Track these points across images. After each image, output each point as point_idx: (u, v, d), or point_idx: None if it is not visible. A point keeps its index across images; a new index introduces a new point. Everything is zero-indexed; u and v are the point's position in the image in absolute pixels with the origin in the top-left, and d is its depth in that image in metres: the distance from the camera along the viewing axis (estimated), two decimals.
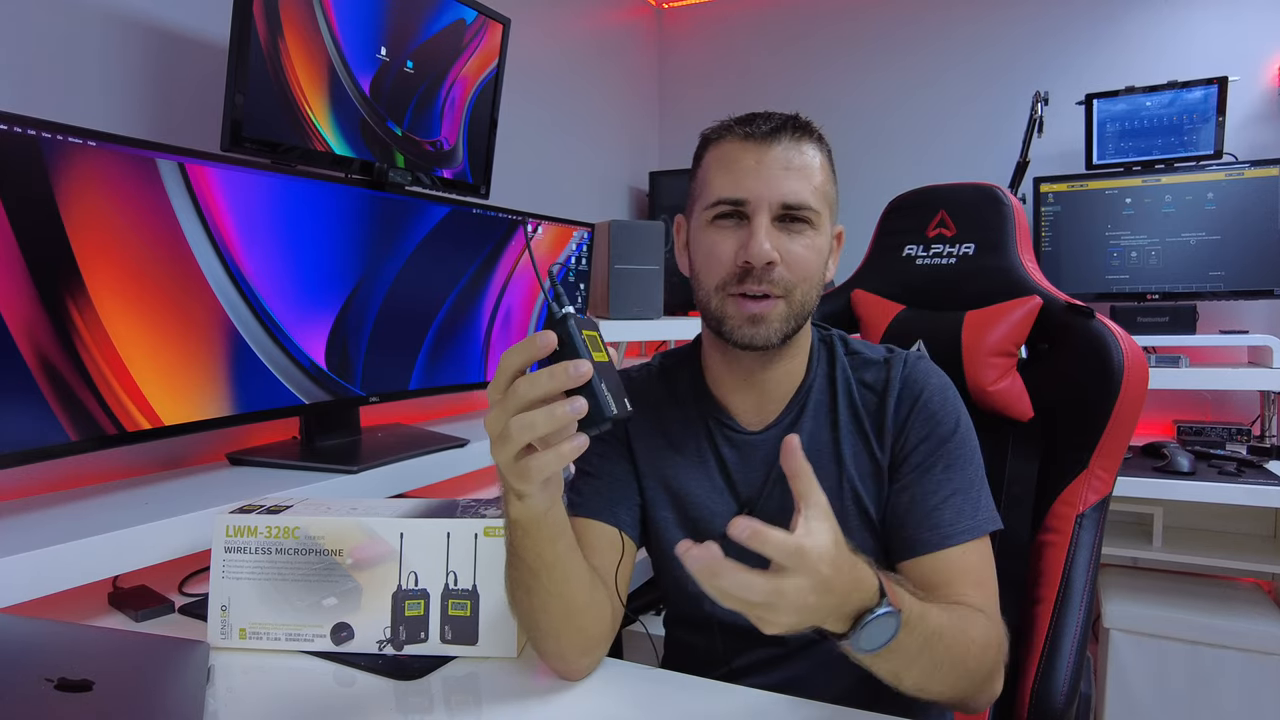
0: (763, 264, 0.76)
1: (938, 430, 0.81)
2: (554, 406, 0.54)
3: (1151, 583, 1.99)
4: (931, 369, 0.86)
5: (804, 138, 0.79)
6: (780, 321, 0.78)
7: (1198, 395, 2.19)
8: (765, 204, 0.77)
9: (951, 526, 0.77)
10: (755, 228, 0.76)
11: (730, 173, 0.78)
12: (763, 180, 0.77)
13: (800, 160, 0.78)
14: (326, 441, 1.29)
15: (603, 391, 0.54)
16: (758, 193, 0.77)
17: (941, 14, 2.53)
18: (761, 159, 0.77)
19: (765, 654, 0.84)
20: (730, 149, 0.79)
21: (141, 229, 0.95)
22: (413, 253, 1.35)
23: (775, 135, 0.78)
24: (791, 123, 0.79)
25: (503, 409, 0.55)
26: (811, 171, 0.78)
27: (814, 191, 0.78)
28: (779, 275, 0.77)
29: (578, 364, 0.54)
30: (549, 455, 0.56)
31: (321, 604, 0.79)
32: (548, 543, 0.67)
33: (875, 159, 2.60)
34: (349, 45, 1.24)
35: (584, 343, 0.55)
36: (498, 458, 0.58)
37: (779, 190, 0.76)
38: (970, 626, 0.70)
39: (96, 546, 0.85)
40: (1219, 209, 2.06)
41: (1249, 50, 2.17)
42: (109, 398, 0.93)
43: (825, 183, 0.80)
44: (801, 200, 0.77)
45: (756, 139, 0.78)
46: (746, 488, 0.84)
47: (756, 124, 0.79)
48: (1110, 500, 0.99)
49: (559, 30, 2.31)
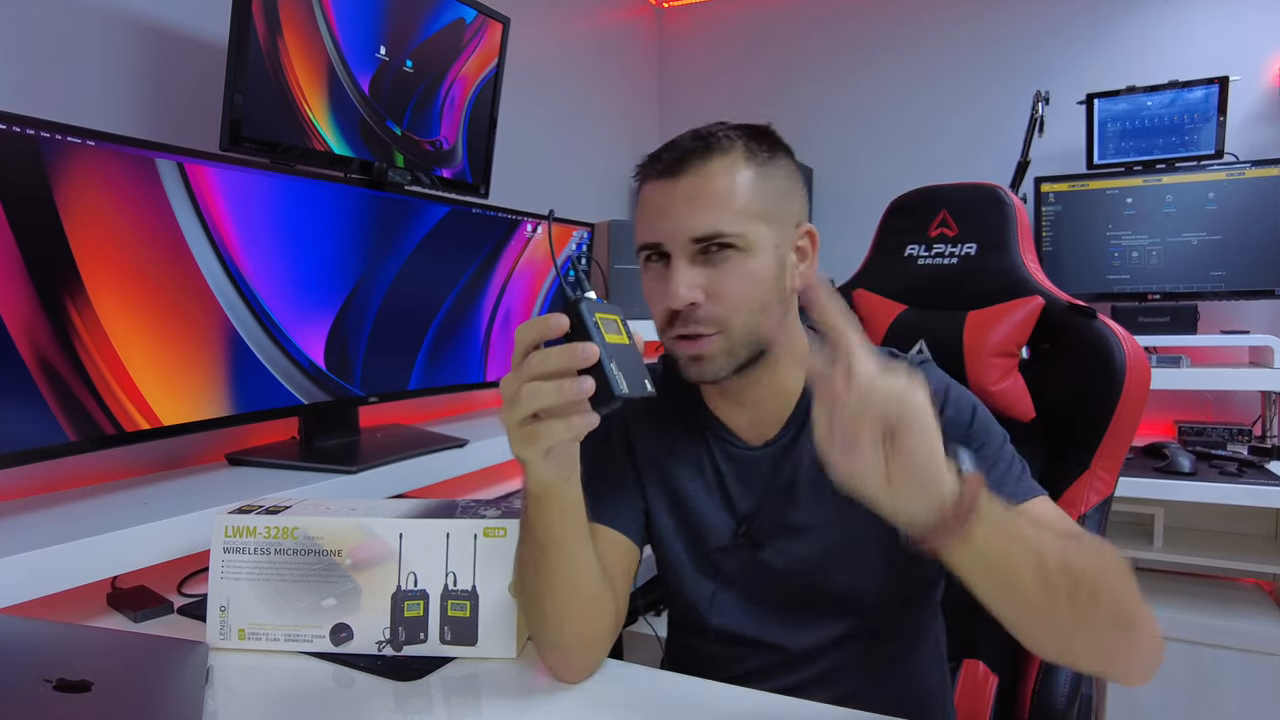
0: (683, 306, 0.74)
1: (954, 419, 0.78)
2: (562, 382, 0.56)
3: (1152, 583, 1.99)
4: (934, 371, 0.84)
5: (712, 157, 0.74)
6: (723, 356, 0.76)
7: (1199, 395, 2.19)
8: (676, 244, 0.74)
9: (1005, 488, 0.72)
10: (671, 273, 0.74)
11: (645, 216, 0.77)
12: (671, 218, 0.74)
13: (710, 186, 0.73)
14: (326, 442, 1.29)
15: (613, 372, 0.56)
16: (668, 232, 0.74)
17: (942, 13, 2.53)
18: (670, 195, 0.75)
19: (765, 661, 0.84)
20: (647, 191, 0.78)
21: (140, 229, 0.95)
22: (412, 252, 1.35)
23: (679, 167, 0.74)
24: (699, 146, 0.75)
25: (516, 375, 0.58)
26: (727, 194, 0.73)
27: (733, 215, 0.73)
28: (706, 314, 0.74)
29: (585, 346, 0.56)
30: (555, 424, 0.58)
31: (321, 604, 0.79)
32: (558, 519, 0.67)
33: (876, 159, 2.59)
34: (348, 45, 1.24)
35: (596, 326, 0.57)
36: (506, 420, 0.60)
37: (685, 226, 0.73)
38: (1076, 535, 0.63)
39: (96, 547, 0.85)
40: (1220, 209, 2.06)
41: (1250, 50, 2.17)
42: (108, 398, 0.92)
43: (751, 197, 0.74)
44: (711, 230, 0.73)
45: (663, 175, 0.75)
46: (744, 503, 0.84)
47: (663, 159, 0.76)
48: (1112, 500, 0.98)
49: (559, 30, 2.30)
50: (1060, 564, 0.57)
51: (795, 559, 0.81)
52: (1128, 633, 0.61)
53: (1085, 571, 0.58)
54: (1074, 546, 0.59)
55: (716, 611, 0.85)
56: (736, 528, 0.83)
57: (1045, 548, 0.57)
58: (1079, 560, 0.58)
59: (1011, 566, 0.56)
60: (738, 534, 0.83)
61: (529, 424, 0.58)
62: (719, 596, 0.85)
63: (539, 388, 0.56)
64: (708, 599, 0.85)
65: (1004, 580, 0.57)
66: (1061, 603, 0.57)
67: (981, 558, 0.56)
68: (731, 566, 0.84)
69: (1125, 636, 0.61)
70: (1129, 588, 0.60)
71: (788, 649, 0.83)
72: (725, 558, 0.84)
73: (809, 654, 0.83)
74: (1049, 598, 0.57)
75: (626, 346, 0.60)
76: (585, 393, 0.56)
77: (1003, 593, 0.58)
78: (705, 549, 0.85)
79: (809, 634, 0.83)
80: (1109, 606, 0.59)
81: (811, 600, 0.82)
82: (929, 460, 0.52)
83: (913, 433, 0.51)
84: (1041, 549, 0.57)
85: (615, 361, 0.57)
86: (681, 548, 0.86)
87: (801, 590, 0.82)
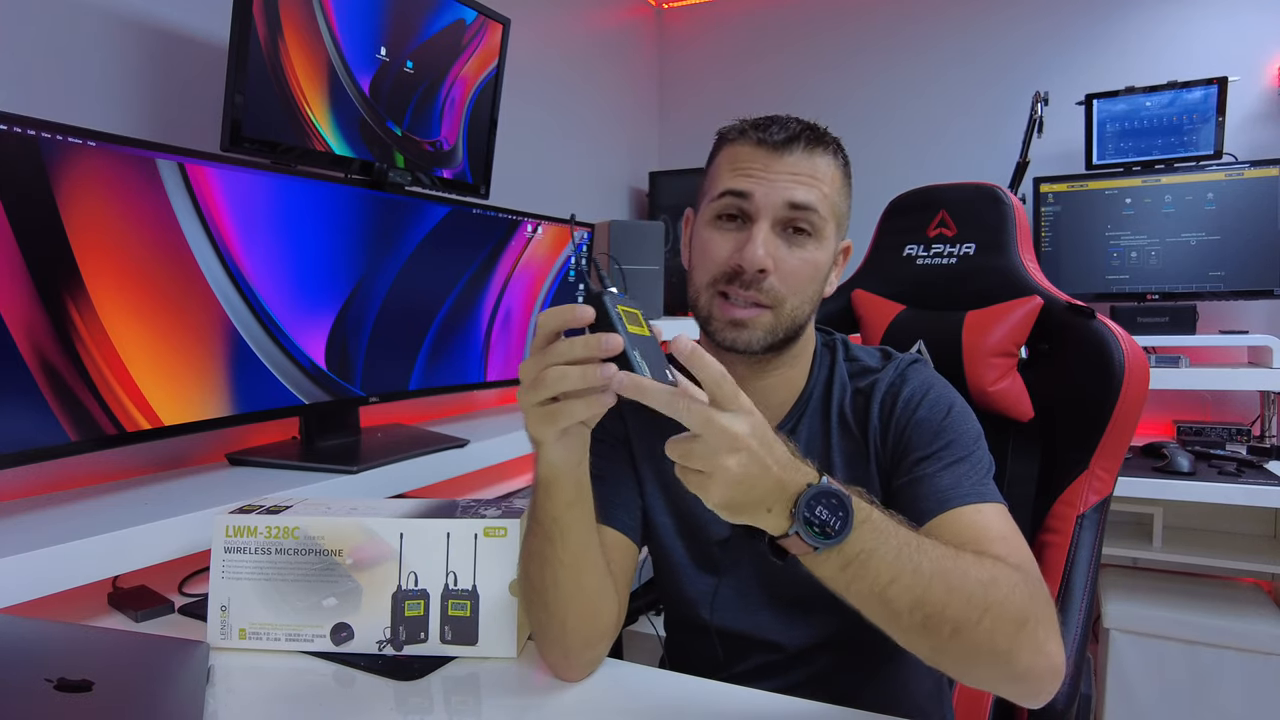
0: (754, 270, 0.75)
1: (927, 417, 0.79)
2: (588, 368, 0.57)
3: (1151, 583, 1.99)
4: (922, 370, 0.84)
5: (818, 149, 0.78)
6: (765, 331, 0.77)
7: (1198, 395, 2.19)
8: (769, 206, 0.76)
9: (953, 490, 0.73)
10: (754, 232, 0.76)
11: (738, 170, 0.78)
12: (769, 183, 0.76)
13: (811, 169, 0.77)
14: (326, 442, 1.29)
15: (637, 360, 0.57)
16: (764, 192, 0.76)
17: (941, 14, 2.53)
18: (770, 165, 0.77)
19: (763, 661, 0.84)
20: (743, 151, 0.79)
21: (141, 229, 0.95)
22: (412, 253, 1.35)
23: (789, 144, 0.77)
24: (807, 133, 0.78)
25: (539, 359, 0.58)
26: (821, 181, 0.77)
27: (822, 199, 0.77)
28: (770, 285, 0.76)
29: (610, 337, 0.56)
30: (575, 403, 0.59)
31: (321, 604, 0.79)
32: (566, 506, 0.68)
33: (875, 159, 2.58)
34: (349, 45, 1.24)
35: (619, 318, 0.59)
36: (525, 401, 0.60)
37: (784, 192, 0.76)
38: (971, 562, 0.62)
39: (96, 546, 0.85)
40: (1219, 209, 2.06)
41: (1249, 50, 2.17)
42: (108, 398, 0.93)
43: (835, 194, 0.79)
44: (807, 201, 0.76)
45: (769, 145, 0.77)
46: None
47: (772, 130, 0.78)
48: (1111, 500, 0.99)
49: (559, 30, 2.31)
50: (913, 600, 0.59)
51: None
52: (1006, 666, 0.61)
53: (946, 606, 0.59)
54: (943, 581, 0.60)
55: (716, 607, 0.85)
56: None
57: (897, 582, 0.59)
58: (940, 596, 0.59)
59: (849, 593, 0.60)
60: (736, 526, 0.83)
61: (549, 404, 0.60)
62: (719, 593, 0.85)
63: (564, 371, 0.57)
64: (708, 595, 0.85)
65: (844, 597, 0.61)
66: (915, 632, 0.60)
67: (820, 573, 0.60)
68: (732, 560, 0.84)
69: (1001, 667, 0.62)
70: (1012, 623, 0.60)
71: (786, 647, 0.83)
72: (725, 551, 0.84)
73: (807, 652, 0.83)
74: (896, 625, 0.61)
75: (648, 339, 0.61)
76: (609, 379, 0.57)
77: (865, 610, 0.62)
78: (704, 544, 0.85)
79: (807, 631, 0.83)
80: (973, 641, 0.60)
81: (810, 596, 0.82)
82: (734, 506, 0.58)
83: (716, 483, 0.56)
84: (890, 584, 0.59)
85: (639, 351, 0.59)
86: (680, 545, 0.86)
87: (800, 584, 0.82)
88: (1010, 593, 0.61)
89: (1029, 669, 0.62)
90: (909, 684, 0.87)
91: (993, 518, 0.72)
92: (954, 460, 0.75)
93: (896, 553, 0.60)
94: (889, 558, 0.59)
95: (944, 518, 0.71)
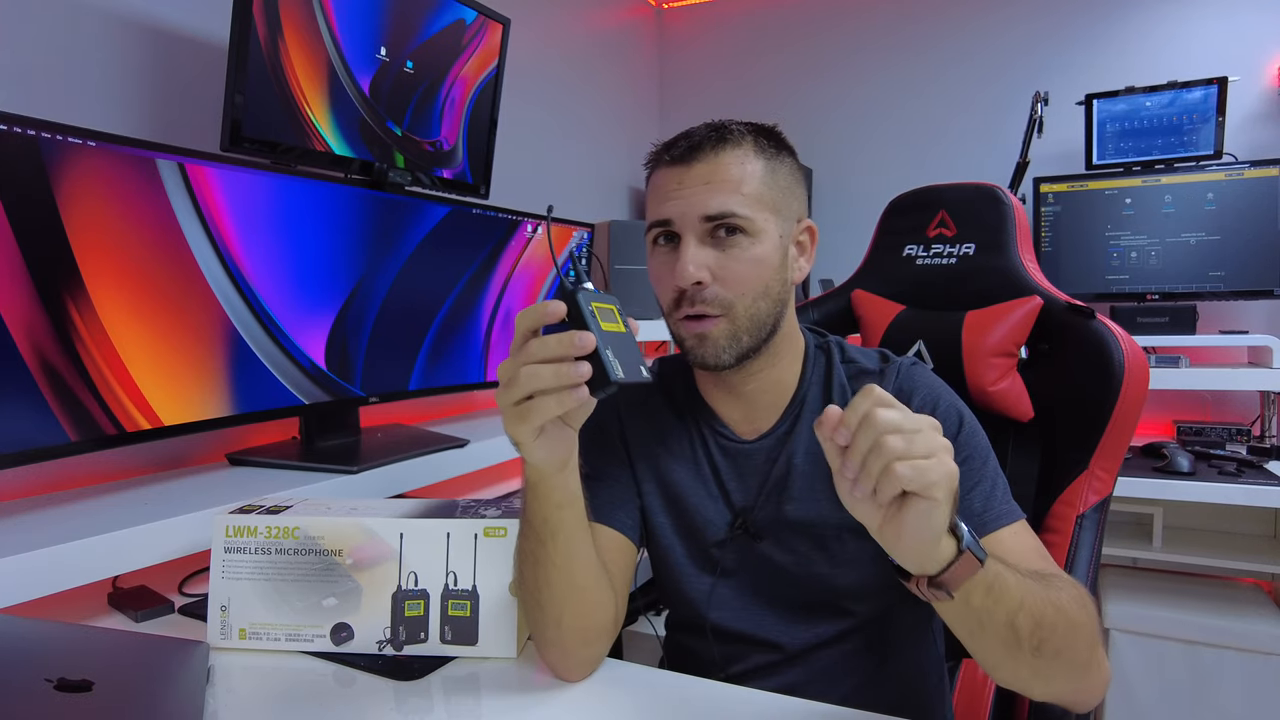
0: (689, 284, 0.75)
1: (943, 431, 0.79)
2: (560, 366, 0.58)
3: (1151, 583, 1.99)
4: (925, 375, 0.84)
5: (725, 147, 0.77)
6: (725, 339, 0.77)
7: (1198, 395, 2.19)
8: (688, 222, 0.76)
9: (986, 513, 0.74)
10: (680, 251, 0.76)
11: (658, 199, 0.79)
12: (684, 199, 0.77)
13: (723, 172, 0.76)
14: (326, 442, 1.29)
15: (609, 358, 0.58)
16: (680, 211, 0.77)
17: (941, 14, 2.53)
18: (683, 179, 0.77)
19: (763, 660, 0.84)
20: (658, 177, 0.80)
21: (141, 229, 0.95)
22: (412, 253, 1.36)
23: (693, 153, 0.77)
24: (713, 136, 0.78)
25: (515, 360, 0.60)
26: (738, 180, 0.76)
27: (742, 199, 0.76)
28: (712, 294, 0.76)
29: (582, 335, 0.58)
30: (547, 399, 0.59)
31: (321, 604, 0.79)
32: (555, 508, 0.68)
33: (875, 159, 2.60)
34: (349, 45, 1.24)
35: (592, 314, 0.60)
36: (502, 401, 0.61)
37: (698, 205, 0.76)
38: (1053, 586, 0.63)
39: (96, 546, 0.85)
40: (1219, 209, 2.06)
41: (1249, 50, 2.17)
42: (108, 398, 0.93)
43: (760, 186, 0.77)
44: (723, 210, 0.75)
45: (677, 161, 0.78)
46: (741, 496, 0.84)
47: (677, 146, 0.79)
48: (1110, 500, 0.99)
49: (559, 30, 2.31)
50: (1034, 622, 0.60)
51: (793, 551, 0.82)
52: (1082, 678, 0.65)
53: (1055, 629, 0.60)
54: (1051, 601, 0.61)
55: (715, 607, 0.85)
56: (733, 521, 0.84)
57: (1023, 606, 0.59)
58: (1051, 618, 0.60)
59: (987, 619, 0.59)
60: (734, 527, 0.84)
61: (523, 403, 0.60)
62: (717, 592, 0.85)
63: (537, 370, 0.58)
64: (706, 595, 0.85)
65: (976, 628, 0.60)
66: (1025, 654, 0.60)
67: (959, 607, 0.59)
68: (729, 561, 0.84)
69: (1078, 680, 0.65)
70: (1092, 638, 0.64)
71: (785, 647, 0.83)
72: (723, 552, 0.84)
73: (806, 652, 0.83)
74: (1015, 649, 0.60)
75: (623, 335, 0.62)
76: (582, 377, 0.58)
77: (972, 637, 0.61)
78: (703, 544, 0.85)
79: (806, 631, 0.83)
80: (1070, 658, 0.62)
81: (809, 596, 0.83)
82: (924, 537, 0.55)
83: (918, 512, 0.54)
84: (1019, 608, 0.59)
85: (611, 348, 0.59)
86: (679, 545, 0.86)
87: (799, 584, 0.82)
88: (1091, 610, 0.65)
89: (1099, 680, 0.66)
90: (909, 684, 0.87)
91: (1026, 536, 0.74)
92: (977, 481, 0.76)
93: (1014, 574, 0.60)
94: (1013, 580, 0.60)
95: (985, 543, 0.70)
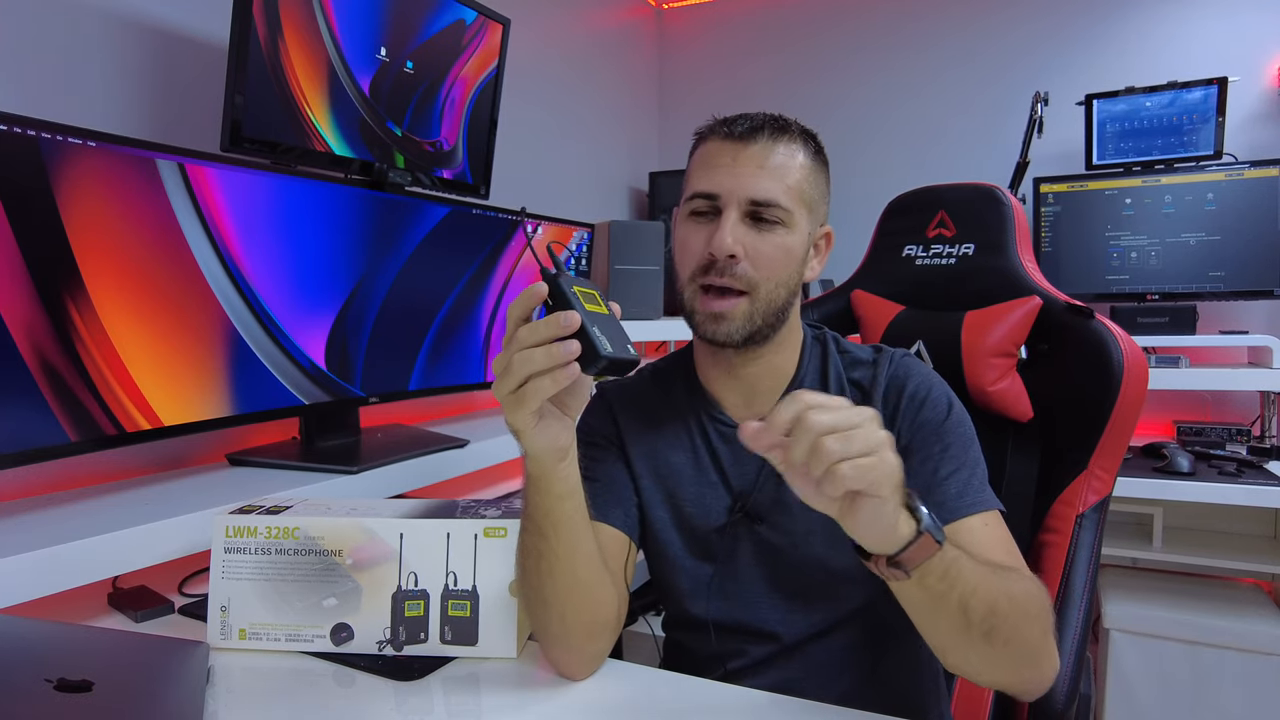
0: (724, 256, 0.77)
1: (930, 418, 0.81)
2: (550, 346, 0.60)
3: (1151, 583, 1.99)
4: (917, 364, 0.86)
5: (782, 137, 0.80)
6: (743, 319, 0.79)
7: (1197, 395, 2.20)
8: (735, 199, 0.78)
9: (960, 499, 0.75)
10: (722, 222, 0.78)
11: (707, 169, 0.81)
12: (734, 177, 0.79)
13: (775, 160, 0.79)
14: (326, 442, 1.29)
15: (596, 334, 0.60)
16: (728, 188, 0.79)
17: (941, 14, 2.53)
18: (737, 156, 0.79)
19: (760, 655, 0.85)
20: (711, 147, 0.82)
21: (141, 229, 0.95)
22: (412, 253, 1.35)
23: (752, 135, 0.80)
24: (771, 123, 0.80)
25: (507, 349, 0.62)
26: (786, 171, 0.79)
27: (786, 191, 0.79)
28: (742, 270, 0.78)
29: (567, 315, 0.60)
30: (542, 379, 0.61)
31: (321, 604, 0.79)
32: (556, 500, 0.69)
33: (875, 159, 2.60)
34: (349, 45, 1.24)
35: (574, 296, 0.62)
36: (500, 391, 0.63)
37: (748, 187, 0.78)
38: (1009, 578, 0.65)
39: (96, 546, 0.85)
40: (1219, 209, 2.06)
41: (1249, 50, 2.17)
42: (108, 398, 0.93)
43: (803, 183, 0.80)
44: (770, 198, 0.78)
45: (734, 138, 0.80)
46: (740, 480, 0.85)
47: (737, 123, 0.81)
48: (1110, 500, 0.99)
49: (559, 30, 2.31)
50: (987, 609, 0.62)
51: (790, 533, 0.82)
52: (1030, 668, 0.68)
53: (1007, 617, 0.63)
54: (1004, 590, 0.63)
55: (714, 596, 0.85)
56: (733, 505, 0.84)
57: (977, 592, 0.61)
58: (1004, 607, 0.63)
59: (941, 602, 0.61)
60: (734, 510, 0.84)
61: (519, 389, 0.62)
62: (716, 581, 0.85)
63: (529, 354, 0.60)
64: (706, 584, 0.85)
65: (929, 609, 0.62)
66: (975, 640, 0.63)
67: (914, 587, 0.60)
68: (729, 546, 0.85)
69: (1026, 670, 0.68)
70: (1044, 630, 0.66)
71: (782, 637, 0.83)
72: (723, 537, 0.85)
73: (803, 644, 0.83)
74: (966, 633, 0.62)
75: (606, 316, 0.64)
76: (572, 354, 0.59)
77: (924, 618, 0.64)
78: (702, 532, 0.85)
79: (802, 620, 0.83)
80: (1019, 648, 0.65)
81: (805, 579, 0.83)
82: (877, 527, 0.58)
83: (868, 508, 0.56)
84: (972, 593, 0.61)
85: (598, 326, 0.61)
86: (678, 538, 0.87)
87: (796, 568, 0.83)
88: (1045, 602, 0.67)
89: (1048, 670, 0.68)
90: (906, 682, 0.87)
91: (995, 527, 0.75)
92: (957, 467, 0.77)
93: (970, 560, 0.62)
94: (969, 565, 0.62)
95: (952, 528, 0.73)
